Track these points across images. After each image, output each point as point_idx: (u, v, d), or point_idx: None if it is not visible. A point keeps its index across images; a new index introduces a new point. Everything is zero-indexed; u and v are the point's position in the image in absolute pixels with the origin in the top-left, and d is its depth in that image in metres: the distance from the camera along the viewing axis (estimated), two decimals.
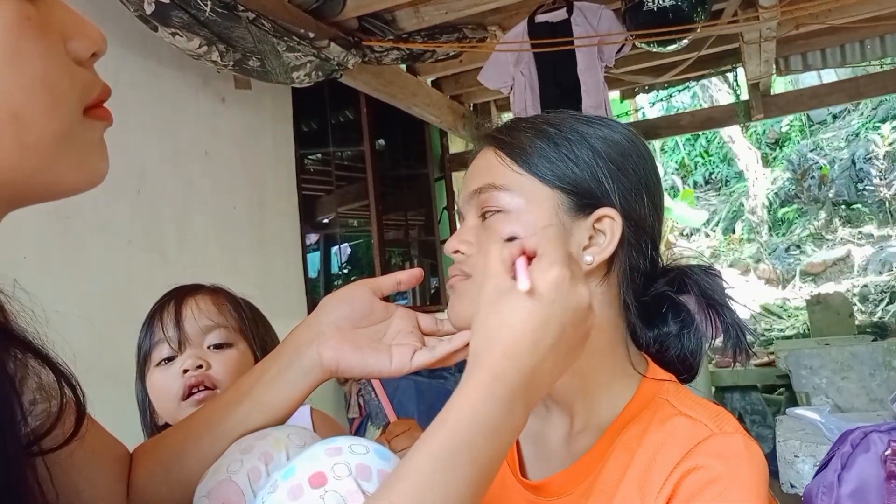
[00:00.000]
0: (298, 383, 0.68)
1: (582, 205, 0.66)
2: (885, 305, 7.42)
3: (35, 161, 0.43)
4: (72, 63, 0.45)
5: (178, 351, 1.00)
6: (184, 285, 1.08)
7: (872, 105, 9.80)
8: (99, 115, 0.47)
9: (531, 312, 0.52)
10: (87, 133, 0.46)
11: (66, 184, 0.45)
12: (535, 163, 0.67)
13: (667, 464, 0.58)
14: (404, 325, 0.70)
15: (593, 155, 0.67)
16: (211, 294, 1.06)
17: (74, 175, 0.45)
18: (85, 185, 0.46)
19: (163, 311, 1.02)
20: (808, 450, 2.03)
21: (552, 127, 0.69)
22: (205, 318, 1.02)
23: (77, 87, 0.45)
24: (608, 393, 0.68)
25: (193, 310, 1.02)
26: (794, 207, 10.12)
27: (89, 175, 0.47)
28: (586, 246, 0.66)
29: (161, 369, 1.01)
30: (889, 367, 2.96)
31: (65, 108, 0.44)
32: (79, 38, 0.45)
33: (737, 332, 0.68)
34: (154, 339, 1.01)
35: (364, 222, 5.09)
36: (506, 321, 0.52)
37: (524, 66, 3.31)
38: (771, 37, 3.47)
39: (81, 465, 0.60)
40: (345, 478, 0.55)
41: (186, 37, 2.13)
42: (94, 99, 0.47)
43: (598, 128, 0.70)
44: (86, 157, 0.46)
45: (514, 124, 0.72)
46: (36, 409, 0.53)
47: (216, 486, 0.60)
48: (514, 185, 0.67)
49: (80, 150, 0.45)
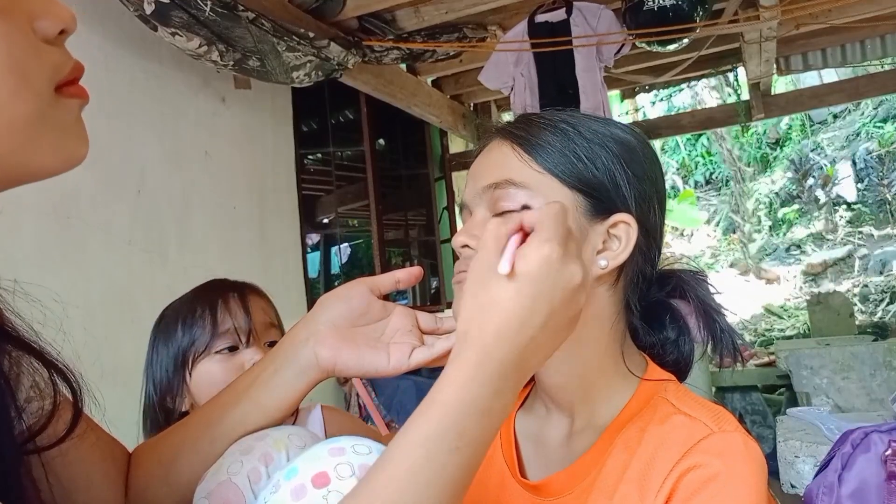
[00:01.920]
0: (295, 382, 0.67)
1: (599, 208, 0.65)
2: (886, 305, 7.42)
3: (7, 144, 0.41)
4: (39, 42, 0.43)
5: (245, 344, 1.01)
6: (224, 280, 1.09)
7: (873, 105, 9.80)
8: (72, 93, 0.45)
9: (519, 291, 0.50)
10: (61, 112, 0.44)
11: (45, 165, 0.44)
12: (555, 162, 0.65)
13: (666, 462, 0.58)
14: (403, 324, 0.69)
15: (612, 158, 0.66)
16: (262, 296, 1.09)
17: (52, 156, 0.44)
18: (64, 166, 0.45)
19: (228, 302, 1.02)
20: (808, 450, 2.03)
21: (570, 126, 0.68)
22: (266, 315, 1.04)
23: (46, 66, 0.43)
24: (608, 392, 0.68)
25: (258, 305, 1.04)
26: (795, 207, 10.12)
27: (68, 156, 0.45)
28: (600, 250, 0.65)
29: (221, 359, 1.00)
30: (889, 367, 2.96)
31: (34, 89, 0.42)
32: (46, 16, 0.43)
33: (730, 337, 0.68)
34: (221, 329, 1.00)
35: (364, 222, 5.10)
36: (494, 299, 0.51)
37: (524, 66, 3.31)
38: (771, 36, 3.47)
39: (79, 464, 0.60)
40: (348, 478, 0.55)
41: (186, 37, 2.12)
42: (66, 77, 0.45)
43: (614, 130, 0.69)
44: (62, 138, 0.44)
45: (529, 119, 0.70)
46: (31, 406, 0.52)
47: (216, 488, 0.60)
48: (532, 183, 0.65)
49: (55, 130, 0.44)
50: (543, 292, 0.51)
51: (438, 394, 0.49)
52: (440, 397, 0.49)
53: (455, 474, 0.48)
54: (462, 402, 0.48)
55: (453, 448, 0.47)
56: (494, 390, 0.49)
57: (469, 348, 0.50)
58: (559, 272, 0.51)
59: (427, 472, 0.46)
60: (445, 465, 0.47)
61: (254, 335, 1.02)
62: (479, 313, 0.51)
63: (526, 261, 0.51)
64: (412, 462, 0.47)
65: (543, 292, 0.51)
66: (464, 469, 0.48)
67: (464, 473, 0.48)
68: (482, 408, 0.49)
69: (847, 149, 9.80)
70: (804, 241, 9.62)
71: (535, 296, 0.50)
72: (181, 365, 1.02)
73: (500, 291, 0.51)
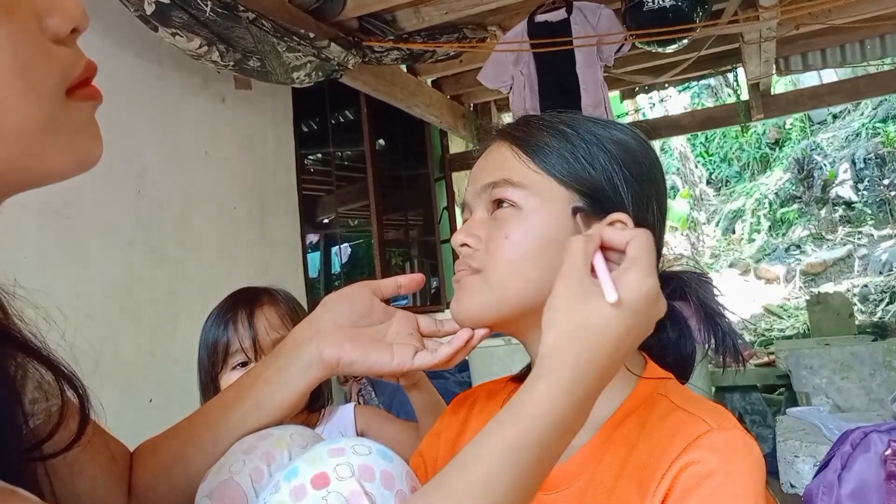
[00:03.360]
0: (298, 380, 0.67)
1: (595, 208, 0.66)
2: (885, 305, 7.41)
3: (19, 149, 0.39)
4: (48, 42, 0.41)
5: (255, 359, 1.10)
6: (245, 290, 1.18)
7: (873, 105, 9.80)
8: (85, 95, 0.43)
9: (620, 320, 0.52)
10: (73, 115, 0.42)
11: (58, 169, 0.42)
12: (552, 162, 0.67)
13: (665, 458, 0.58)
14: (404, 327, 0.71)
15: (610, 159, 0.67)
16: (275, 305, 1.16)
17: (65, 159, 0.42)
18: (77, 168, 0.43)
19: (237, 323, 1.12)
20: (808, 450, 2.03)
21: (569, 128, 0.69)
22: (272, 330, 1.12)
23: (55, 68, 0.41)
24: (606, 388, 0.68)
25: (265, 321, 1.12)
26: (795, 207, 10.12)
27: (81, 158, 0.43)
28: None
29: (237, 372, 1.11)
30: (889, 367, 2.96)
31: (44, 91, 0.40)
32: (55, 14, 0.41)
33: (732, 339, 0.68)
34: (231, 349, 1.11)
35: (364, 222, 5.10)
36: (595, 322, 0.52)
37: (524, 65, 3.31)
38: (771, 37, 3.47)
39: (82, 465, 0.60)
40: (347, 478, 0.55)
41: (187, 37, 2.13)
42: (78, 78, 0.42)
43: (614, 132, 0.70)
44: (75, 141, 0.42)
45: (529, 121, 0.71)
46: (36, 408, 0.52)
47: (218, 487, 0.60)
48: (530, 182, 0.66)
49: (67, 133, 0.42)
50: (640, 324, 0.54)
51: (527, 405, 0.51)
52: (529, 410, 0.51)
53: (531, 482, 0.50)
54: (550, 418, 0.50)
55: (535, 459, 0.49)
56: (579, 410, 0.52)
57: (563, 367, 0.52)
58: (652, 308, 0.55)
59: (507, 479, 0.48)
60: (525, 474, 0.49)
61: (259, 353, 1.10)
62: (576, 333, 0.53)
63: (629, 290, 0.53)
64: (493, 468, 0.48)
65: (640, 324, 0.54)
66: (540, 477, 0.51)
67: (538, 481, 0.51)
68: (565, 425, 0.51)
69: (847, 149, 9.80)
70: (804, 241, 9.61)
71: (631, 327, 0.53)
72: (210, 380, 1.15)
73: (600, 317, 0.53)
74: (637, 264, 0.54)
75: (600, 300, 0.53)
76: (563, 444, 0.52)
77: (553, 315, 0.54)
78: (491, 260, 0.66)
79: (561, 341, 0.53)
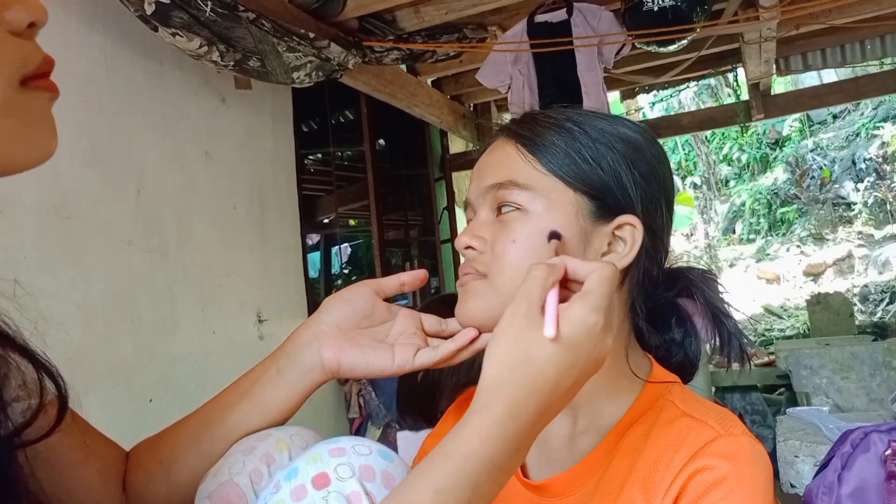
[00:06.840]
0: (298, 383, 0.67)
1: (604, 210, 0.64)
2: (885, 305, 7.42)
3: None
4: (5, 33, 0.42)
5: None
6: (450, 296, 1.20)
7: (873, 105, 9.81)
8: (41, 86, 0.44)
9: (560, 356, 0.50)
10: (27, 104, 0.43)
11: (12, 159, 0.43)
12: (559, 163, 0.64)
13: (673, 465, 0.57)
14: (407, 326, 0.69)
15: (618, 158, 0.65)
16: None
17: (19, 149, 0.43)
18: (32, 160, 0.44)
19: None
20: (808, 450, 2.03)
21: (575, 125, 0.66)
22: None
23: (11, 59, 0.42)
24: (612, 394, 0.67)
25: None
26: (794, 207, 10.12)
27: (35, 149, 0.44)
28: (605, 252, 0.65)
29: None
30: (889, 367, 2.96)
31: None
32: (15, 7, 0.42)
33: (738, 340, 0.67)
34: None
35: (364, 222, 5.10)
36: (533, 356, 0.50)
37: (522, 65, 3.31)
38: (771, 37, 3.47)
39: (74, 465, 0.60)
40: (348, 479, 0.55)
41: (187, 37, 2.12)
42: (34, 70, 0.43)
43: (621, 128, 0.67)
44: (29, 130, 0.43)
45: (534, 118, 0.69)
46: (19, 405, 0.52)
47: (217, 488, 0.60)
48: (536, 185, 0.64)
49: (21, 123, 0.43)
50: (581, 361, 0.51)
51: (458, 444, 0.49)
52: (460, 449, 0.48)
53: None
54: (481, 456, 0.48)
55: (465, 500, 0.47)
56: (514, 449, 0.50)
57: (499, 402, 0.49)
58: (597, 345, 0.52)
59: None
60: None
61: None
62: (515, 368, 0.50)
63: (571, 325, 0.51)
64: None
65: (581, 361, 0.51)
66: None
67: None
68: (499, 464, 0.49)
69: (847, 149, 9.80)
70: (804, 241, 9.61)
71: (573, 363, 0.51)
72: None
73: (540, 351, 0.50)
74: (584, 298, 0.52)
75: (541, 336, 0.50)
76: (497, 484, 0.49)
77: (495, 347, 0.52)
78: (497, 264, 0.64)
79: (500, 375, 0.50)
